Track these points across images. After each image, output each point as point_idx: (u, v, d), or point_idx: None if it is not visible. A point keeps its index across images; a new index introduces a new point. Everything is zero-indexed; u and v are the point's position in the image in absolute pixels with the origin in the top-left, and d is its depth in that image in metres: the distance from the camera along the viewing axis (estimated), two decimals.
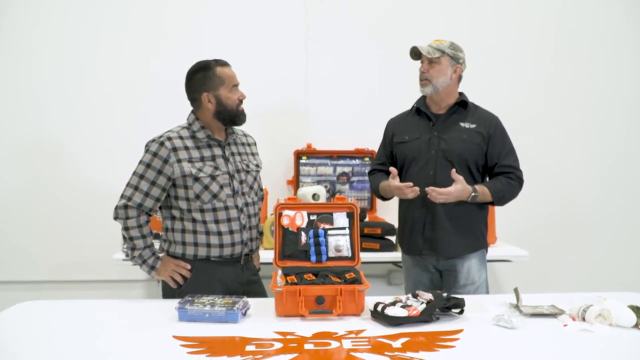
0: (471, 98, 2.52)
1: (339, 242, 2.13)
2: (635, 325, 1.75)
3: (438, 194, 2.24)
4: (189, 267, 2.19)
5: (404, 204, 2.51)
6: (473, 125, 2.40)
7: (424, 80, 2.41)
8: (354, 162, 3.69)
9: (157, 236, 2.81)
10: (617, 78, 3.81)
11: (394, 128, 2.57)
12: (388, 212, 3.58)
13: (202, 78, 2.18)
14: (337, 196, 2.24)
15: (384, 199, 2.61)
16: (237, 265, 2.24)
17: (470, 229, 2.42)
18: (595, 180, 3.81)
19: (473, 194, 2.29)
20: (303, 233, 2.13)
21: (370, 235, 3.20)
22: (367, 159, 3.67)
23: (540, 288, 2.31)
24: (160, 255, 2.25)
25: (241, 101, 2.23)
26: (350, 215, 2.18)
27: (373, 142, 3.65)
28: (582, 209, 3.82)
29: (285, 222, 2.15)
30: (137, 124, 3.51)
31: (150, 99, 3.59)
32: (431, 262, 2.45)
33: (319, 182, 3.64)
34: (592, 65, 3.80)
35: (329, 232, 2.14)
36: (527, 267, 3.20)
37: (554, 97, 3.79)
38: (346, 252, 2.13)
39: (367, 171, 3.62)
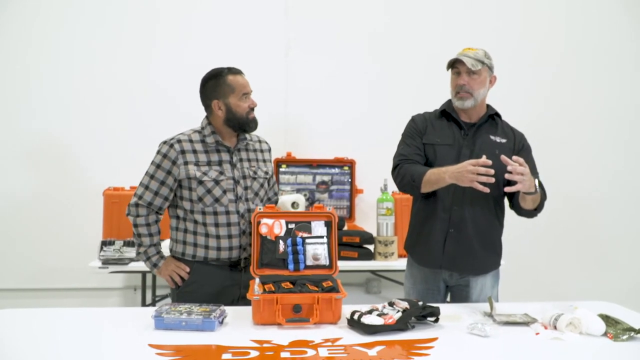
0: None
1: (317, 250, 2.14)
2: (605, 334, 1.79)
3: (521, 165, 1.99)
4: (188, 269, 2.27)
5: (422, 211, 2.36)
6: (504, 140, 2.31)
7: (465, 92, 2.27)
8: (333, 170, 3.71)
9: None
10: (618, 88, 3.92)
11: (424, 124, 2.38)
12: (367, 221, 3.62)
13: (214, 85, 2.26)
14: (315, 205, 2.25)
15: (417, 190, 2.26)
16: (236, 269, 2.29)
17: (494, 245, 2.35)
18: (570, 191, 3.89)
19: (537, 180, 2.12)
20: (281, 241, 2.14)
21: (349, 244, 3.22)
22: (346, 167, 3.70)
23: (513, 297, 2.34)
24: (166, 256, 2.33)
25: (252, 109, 2.30)
26: (328, 224, 2.19)
27: (352, 151, 3.71)
28: (555, 221, 3.88)
29: (263, 230, 2.16)
30: (114, 132, 3.51)
31: (131, 110, 3.59)
32: (444, 276, 2.35)
33: (298, 191, 3.65)
34: (593, 76, 3.90)
35: (307, 240, 2.15)
36: (502, 276, 3.24)
37: (532, 105, 3.86)
38: (324, 260, 2.14)
39: (347, 180, 3.68)
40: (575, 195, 3.90)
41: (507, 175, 2.01)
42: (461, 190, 2.21)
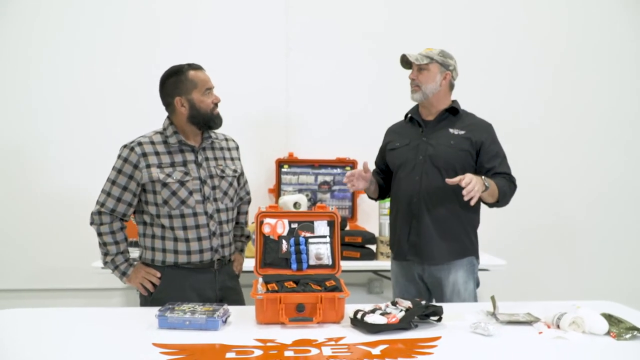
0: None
1: (320, 250, 2.14)
2: (607, 333, 1.79)
3: (468, 183, 2.10)
4: (158, 275, 2.20)
5: (393, 210, 2.53)
6: (462, 132, 2.39)
7: (414, 87, 2.43)
8: (335, 171, 3.72)
9: (135, 244, 2.81)
10: (619, 89, 3.92)
11: (389, 136, 2.60)
12: (369, 221, 3.62)
13: (175, 82, 2.18)
14: (318, 205, 2.25)
15: (374, 198, 2.68)
16: (210, 271, 2.24)
17: (456, 233, 2.39)
18: (573, 191, 3.90)
19: (485, 183, 2.20)
20: (284, 241, 2.14)
21: (351, 243, 3.23)
22: (348, 168, 3.70)
23: (516, 296, 2.34)
24: (136, 262, 2.27)
25: (216, 104, 2.22)
26: (331, 224, 2.18)
27: (354, 151, 3.71)
28: (559, 220, 3.90)
29: (266, 230, 2.16)
30: (116, 131, 3.48)
31: (130, 108, 3.59)
32: (417, 270, 2.43)
33: (300, 191, 3.65)
34: (593, 76, 3.89)
35: (310, 240, 2.15)
36: (504, 276, 3.24)
37: (532, 106, 3.87)
38: (327, 260, 2.14)
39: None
40: (576, 194, 3.90)
41: (466, 198, 2.12)
42: (418, 183, 2.39)
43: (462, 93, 2.65)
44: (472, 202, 2.14)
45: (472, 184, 2.11)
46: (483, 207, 2.49)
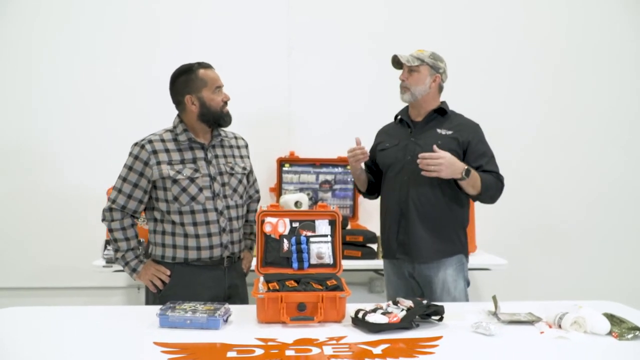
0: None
1: (321, 249, 2.15)
2: (610, 333, 1.79)
3: (430, 157, 2.20)
4: (168, 272, 2.21)
5: (383, 209, 2.56)
6: (449, 132, 2.42)
7: (403, 87, 2.46)
8: (336, 170, 3.71)
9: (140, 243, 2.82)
10: (619, 89, 3.92)
11: (380, 137, 2.64)
12: (370, 220, 3.61)
13: (185, 81, 2.21)
14: (319, 204, 2.26)
15: (363, 194, 2.71)
16: (219, 268, 2.25)
17: (445, 232, 2.41)
18: (573, 191, 3.89)
19: (465, 168, 2.24)
20: (285, 240, 2.14)
21: (352, 243, 3.23)
22: (349, 167, 3.69)
23: (518, 296, 2.34)
24: (146, 260, 2.28)
25: (225, 102, 2.25)
26: (332, 223, 2.19)
27: None
28: (560, 219, 3.89)
29: (267, 229, 2.16)
30: (116, 131, 3.50)
31: (131, 107, 3.59)
32: (407, 268, 2.46)
33: (301, 190, 3.65)
34: (593, 76, 3.89)
35: (311, 239, 2.15)
36: (506, 275, 3.25)
37: (532, 106, 3.87)
38: (328, 259, 2.14)
39: (350, 179, 3.68)
40: (576, 195, 3.90)
41: (420, 165, 2.24)
42: (406, 183, 2.41)
43: (462, 93, 2.66)
44: (424, 174, 2.24)
45: (437, 161, 2.19)
46: (482, 207, 2.49)
